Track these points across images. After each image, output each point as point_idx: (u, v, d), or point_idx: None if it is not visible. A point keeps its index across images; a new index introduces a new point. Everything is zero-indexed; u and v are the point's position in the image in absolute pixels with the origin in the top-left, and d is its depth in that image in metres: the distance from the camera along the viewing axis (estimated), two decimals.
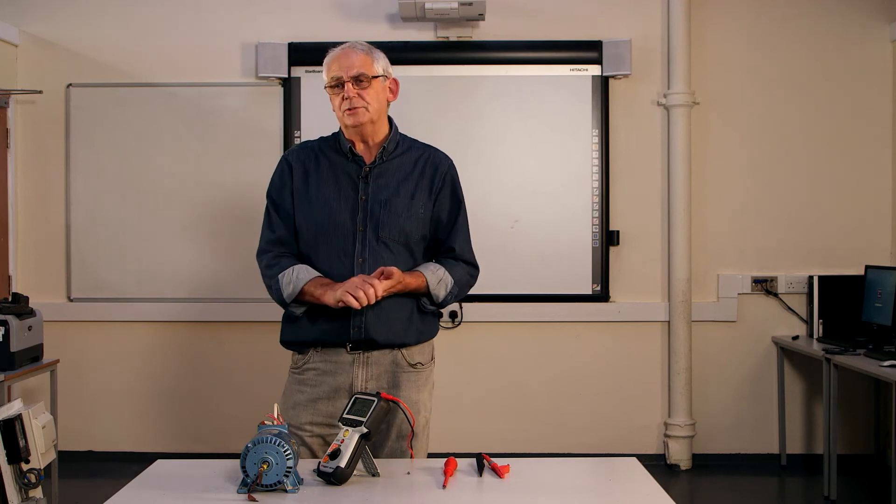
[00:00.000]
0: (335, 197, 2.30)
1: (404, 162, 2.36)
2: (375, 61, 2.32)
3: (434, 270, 2.31)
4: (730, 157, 4.70)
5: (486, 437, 4.64)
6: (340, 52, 2.31)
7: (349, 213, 2.28)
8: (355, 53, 2.30)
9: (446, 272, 2.32)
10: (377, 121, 2.33)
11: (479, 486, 1.87)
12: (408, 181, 2.34)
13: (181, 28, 4.70)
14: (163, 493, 1.80)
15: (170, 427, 4.73)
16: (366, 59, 2.30)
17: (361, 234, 2.27)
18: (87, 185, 4.70)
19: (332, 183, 2.32)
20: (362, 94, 2.28)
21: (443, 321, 4.67)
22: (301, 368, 2.32)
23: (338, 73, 2.28)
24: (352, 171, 2.33)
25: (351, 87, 2.26)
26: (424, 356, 2.36)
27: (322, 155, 2.36)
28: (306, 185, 2.33)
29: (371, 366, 2.26)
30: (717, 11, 4.69)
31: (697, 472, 4.61)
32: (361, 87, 2.28)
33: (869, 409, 4.68)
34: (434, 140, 4.92)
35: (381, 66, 2.34)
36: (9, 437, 1.64)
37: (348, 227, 2.28)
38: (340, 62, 2.29)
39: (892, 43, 4.66)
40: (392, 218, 2.28)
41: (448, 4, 4.32)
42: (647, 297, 4.70)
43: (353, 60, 2.28)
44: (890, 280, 4.14)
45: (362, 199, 2.30)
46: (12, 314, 3.56)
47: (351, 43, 2.33)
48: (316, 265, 2.29)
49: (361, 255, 2.26)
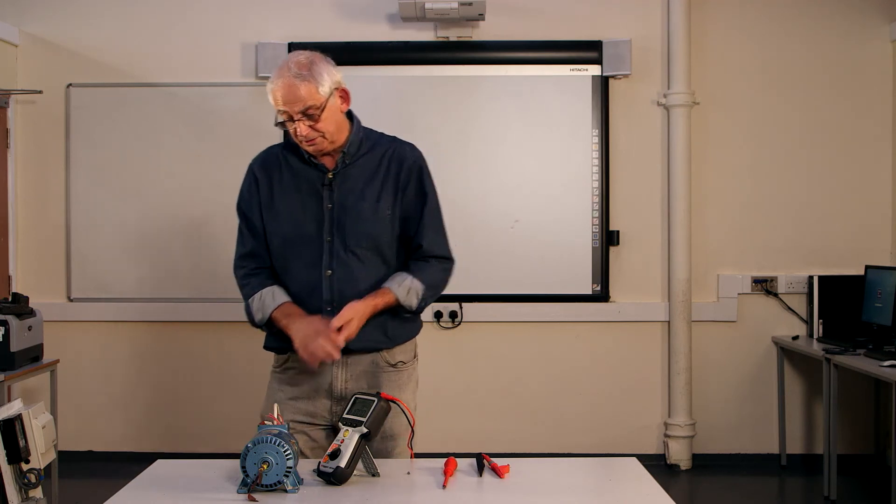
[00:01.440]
0: (300, 207, 2.21)
1: (369, 162, 2.24)
2: (320, 86, 2.10)
3: (400, 282, 2.20)
4: (730, 157, 4.70)
5: (486, 437, 4.64)
6: (282, 84, 2.08)
7: (315, 223, 2.19)
8: (297, 85, 2.07)
9: (413, 279, 2.21)
10: (338, 138, 2.19)
11: (479, 486, 1.87)
12: (373, 183, 2.23)
13: (181, 28, 4.70)
14: (163, 493, 1.80)
15: (170, 427, 4.73)
16: (310, 88, 2.08)
17: (329, 245, 2.19)
18: (87, 185, 4.70)
19: (297, 192, 2.22)
20: (316, 126, 2.12)
21: (443, 321, 4.67)
22: (282, 368, 2.29)
23: (284, 109, 2.10)
24: (315, 178, 2.22)
25: (303, 125, 2.10)
26: (406, 355, 2.31)
27: (286, 163, 2.24)
28: (272, 196, 2.23)
29: (350, 366, 2.21)
30: (717, 11, 4.69)
31: (697, 472, 4.61)
32: (313, 120, 2.11)
33: (869, 409, 4.68)
34: (434, 140, 4.96)
35: (327, 87, 2.12)
36: (9, 437, 1.64)
37: (315, 239, 2.19)
38: (284, 98, 2.09)
39: (892, 43, 4.66)
40: (359, 225, 2.19)
41: (448, 4, 4.32)
42: (647, 297, 4.70)
43: (298, 94, 2.08)
44: (890, 280, 4.14)
45: (328, 208, 2.19)
46: (12, 314, 3.56)
47: (291, 69, 2.08)
48: (286, 279, 2.23)
49: (329, 266, 2.19)
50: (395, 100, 4.66)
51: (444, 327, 4.69)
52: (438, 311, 4.66)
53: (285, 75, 2.09)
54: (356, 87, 4.66)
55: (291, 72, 2.08)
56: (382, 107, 4.65)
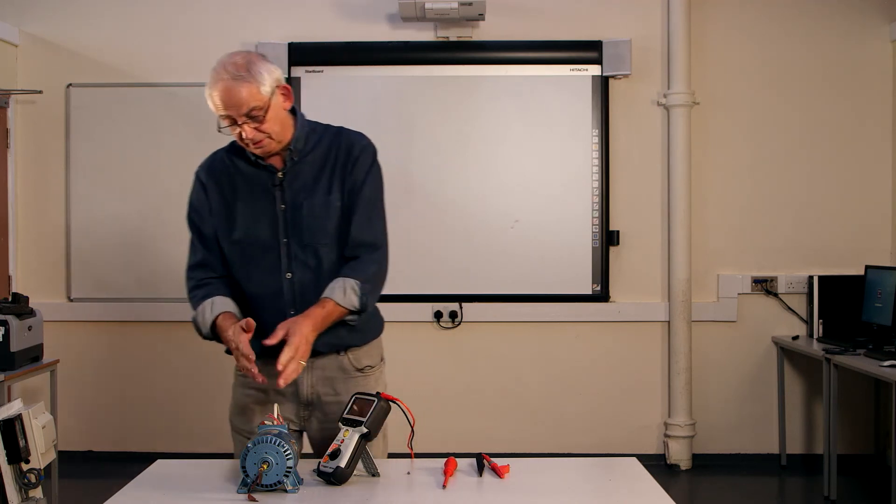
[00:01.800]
0: (253, 211, 2.13)
1: (317, 157, 2.16)
2: (261, 85, 2.01)
3: (332, 287, 2.07)
4: (730, 157, 4.70)
5: (486, 437, 4.64)
6: (221, 87, 2.00)
7: (270, 226, 2.12)
8: (237, 87, 1.99)
9: (345, 279, 2.08)
10: (283, 137, 2.11)
11: (479, 486, 1.87)
12: (322, 176, 2.14)
13: (181, 28, 4.70)
14: (163, 493, 1.80)
15: (170, 427, 4.73)
16: (251, 88, 2.00)
17: (286, 247, 2.12)
18: (87, 185, 4.71)
19: (248, 197, 2.14)
20: (261, 128, 2.04)
21: (443, 321, 4.67)
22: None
23: (226, 112, 2.02)
24: (265, 179, 2.14)
25: (248, 128, 2.02)
26: (373, 358, 2.25)
27: (234, 167, 2.17)
28: (223, 203, 2.16)
29: (315, 370, 2.16)
30: (717, 11, 4.69)
31: (697, 472, 4.61)
32: (257, 121, 2.02)
33: (869, 409, 4.68)
34: (434, 140, 4.96)
35: (269, 86, 2.03)
36: (9, 437, 1.64)
37: (271, 242, 2.12)
38: (225, 101, 2.00)
39: (892, 43, 4.66)
40: (312, 221, 2.11)
41: (448, 4, 4.32)
42: (647, 297, 4.70)
43: (240, 97, 1.99)
44: (890, 280, 4.14)
45: (281, 209, 2.12)
46: (12, 314, 3.56)
47: (228, 71, 2.00)
48: (248, 286, 2.16)
49: (289, 268, 2.12)
50: (395, 100, 4.66)
51: (444, 327, 4.69)
52: (438, 311, 4.66)
53: (223, 78, 2.00)
54: (356, 87, 4.74)
55: (229, 74, 2.00)
56: (382, 107, 4.65)
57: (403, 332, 4.63)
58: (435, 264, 4.65)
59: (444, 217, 4.65)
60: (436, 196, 4.65)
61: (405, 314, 4.62)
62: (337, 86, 4.64)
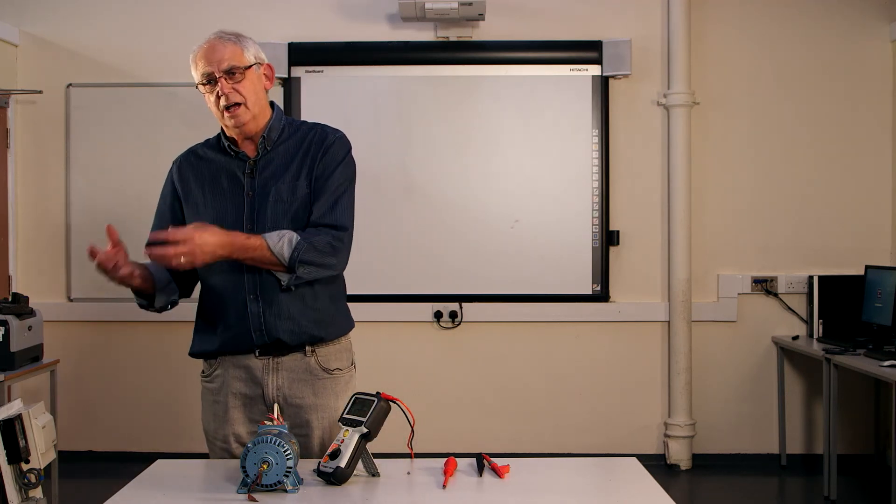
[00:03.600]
0: (221, 198, 2.15)
1: (290, 147, 2.17)
2: (245, 50, 2.12)
3: (272, 233, 2.05)
4: (730, 157, 4.70)
5: (486, 437, 4.64)
6: (206, 45, 2.11)
7: (235, 212, 2.13)
8: (223, 45, 2.10)
9: (289, 231, 2.05)
10: (258, 114, 2.14)
11: (479, 486, 1.87)
12: (292, 164, 2.15)
13: (181, 28, 4.70)
14: (163, 493, 1.80)
15: (170, 427, 4.73)
16: (235, 49, 2.10)
17: (248, 233, 2.08)
18: (87, 185, 4.71)
19: (218, 185, 2.17)
20: (237, 87, 2.09)
21: (443, 321, 4.67)
22: (211, 376, 2.23)
23: (207, 70, 2.09)
24: (237, 168, 2.17)
25: (224, 82, 2.09)
26: (342, 361, 2.21)
27: (207, 157, 2.22)
28: (191, 190, 2.20)
29: (281, 372, 2.14)
30: (717, 11, 4.69)
31: (697, 472, 4.61)
32: (235, 80, 2.09)
33: (869, 409, 4.68)
34: (434, 140, 4.96)
35: (251, 54, 2.14)
36: (9, 437, 1.64)
37: (234, 229, 2.07)
38: (208, 57, 2.09)
39: (892, 43, 4.66)
40: (277, 207, 2.11)
41: (448, 4, 4.32)
42: (647, 297, 4.70)
43: (222, 53, 2.09)
44: (890, 280, 4.14)
45: (248, 195, 2.13)
46: (12, 314, 3.56)
47: (217, 33, 2.13)
48: (208, 275, 2.17)
49: None
50: (395, 100, 4.66)
51: (444, 327, 4.69)
52: (438, 311, 4.66)
53: (211, 39, 2.12)
54: (356, 87, 4.74)
55: (217, 35, 2.12)
56: (382, 107, 4.65)
57: (403, 332, 4.63)
58: (435, 264, 4.65)
59: (444, 217, 4.65)
60: (436, 196, 4.65)
61: (405, 314, 4.62)
62: (337, 86, 4.65)
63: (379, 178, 4.58)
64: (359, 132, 4.63)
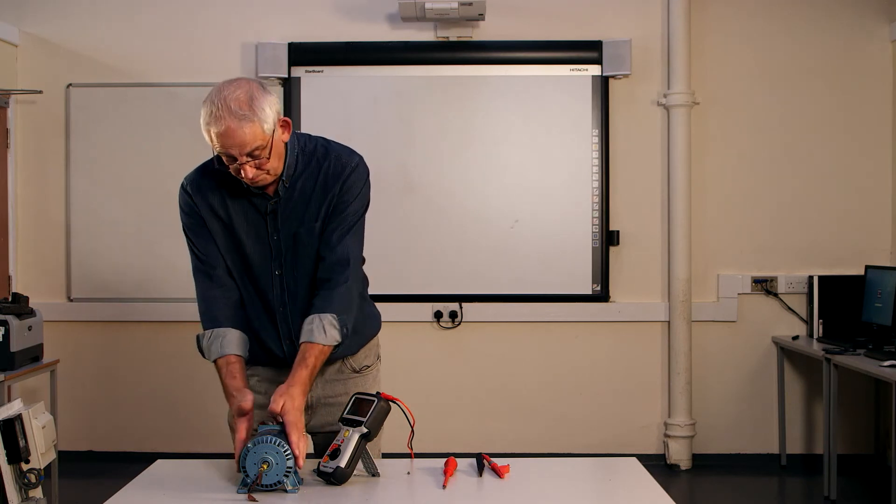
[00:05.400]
0: (248, 239, 2.08)
1: (307, 181, 2.07)
2: (264, 122, 1.91)
3: (311, 329, 1.99)
4: (730, 157, 4.70)
5: (486, 437, 4.64)
6: (224, 127, 1.87)
7: (262, 255, 2.09)
8: (240, 127, 1.87)
9: (320, 315, 2.00)
10: (279, 167, 2.02)
11: (479, 486, 1.87)
12: (312, 203, 2.07)
13: (181, 28, 4.70)
14: (163, 493, 1.81)
15: (170, 427, 4.73)
16: (254, 128, 1.89)
17: (279, 278, 2.09)
18: (87, 185, 4.70)
19: (241, 224, 2.08)
20: (262, 164, 1.95)
21: (443, 321, 4.67)
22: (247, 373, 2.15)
23: (225, 151, 1.91)
24: (259, 205, 2.07)
25: (250, 167, 1.93)
26: (370, 358, 2.26)
27: (226, 189, 2.07)
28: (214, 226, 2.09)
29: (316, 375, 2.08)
30: (717, 11, 4.69)
31: (697, 472, 4.61)
32: (258, 158, 1.93)
33: (869, 409, 4.68)
34: (434, 140, 4.96)
35: (270, 121, 1.93)
36: (9, 437, 1.64)
37: (263, 272, 2.09)
38: (225, 142, 1.89)
39: (892, 43, 4.66)
40: (305, 251, 2.08)
41: (448, 4, 4.32)
42: (647, 297, 4.70)
43: (242, 137, 1.88)
44: (890, 280, 4.14)
45: (273, 239, 2.08)
46: (12, 314, 3.56)
47: (231, 109, 1.87)
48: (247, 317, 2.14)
49: (281, 301, 2.10)
50: (395, 100, 4.66)
51: (444, 327, 4.69)
52: (438, 311, 4.66)
53: (225, 117, 1.87)
54: (356, 87, 4.74)
55: (232, 113, 1.87)
56: (382, 107, 4.65)
57: (403, 332, 4.63)
58: (435, 264, 4.65)
59: (444, 217, 4.65)
60: (436, 196, 4.65)
61: (405, 314, 4.62)
62: (337, 86, 4.64)
63: (379, 178, 4.49)
64: (359, 132, 4.66)
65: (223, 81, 1.95)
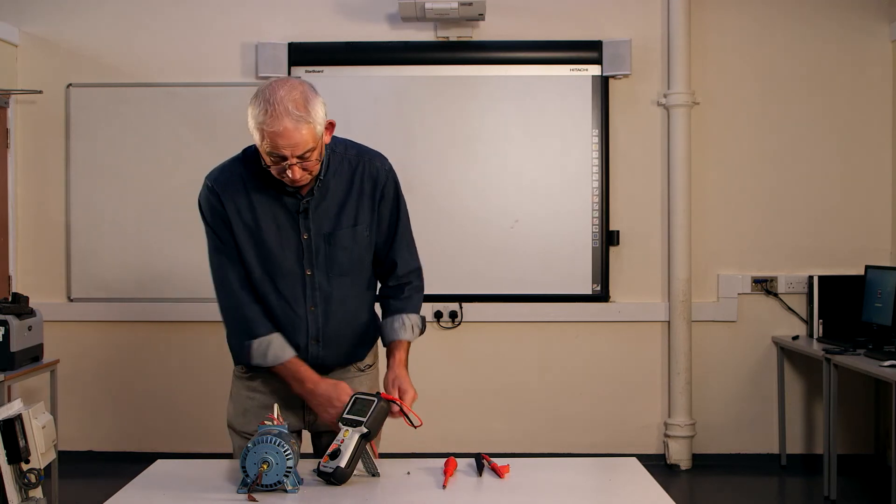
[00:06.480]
0: (276, 238, 2.07)
1: (340, 182, 2.10)
2: (317, 124, 1.93)
3: (399, 327, 2.19)
4: (730, 157, 4.70)
5: (486, 437, 4.64)
6: (281, 127, 1.88)
7: (293, 254, 2.08)
8: (297, 129, 1.88)
9: (406, 316, 2.20)
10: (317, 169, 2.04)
11: (479, 486, 1.87)
12: (348, 205, 2.10)
13: (181, 28, 4.70)
14: (163, 493, 1.81)
15: (170, 427, 4.73)
16: (311, 131, 1.91)
17: (310, 279, 2.10)
18: (87, 185, 4.70)
19: (271, 221, 2.07)
20: (308, 166, 1.96)
21: (443, 321, 4.67)
22: (249, 374, 2.21)
23: (277, 152, 1.91)
24: (289, 204, 2.07)
25: (298, 169, 1.94)
26: (372, 358, 2.32)
27: (252, 187, 2.07)
28: (242, 224, 2.07)
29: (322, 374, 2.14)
30: (717, 11, 4.69)
31: (697, 472, 4.61)
32: (307, 160, 1.94)
33: (869, 409, 4.68)
34: (434, 140, 4.96)
35: (320, 122, 1.95)
36: (9, 437, 1.64)
37: (294, 271, 2.08)
38: (278, 142, 1.89)
39: (892, 43, 4.66)
40: (339, 253, 2.10)
41: (448, 4, 4.32)
42: (647, 297, 4.70)
43: (297, 139, 1.89)
44: (890, 280, 4.14)
45: (304, 238, 2.08)
46: (12, 314, 3.56)
47: (289, 110, 1.88)
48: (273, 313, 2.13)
49: (312, 301, 2.11)
50: (395, 100, 4.66)
51: (444, 327, 4.69)
52: (438, 311, 4.66)
53: (282, 117, 1.87)
54: (356, 88, 4.74)
55: (290, 114, 1.88)
56: (382, 107, 4.65)
57: None
58: (435, 264, 4.59)
59: (444, 217, 4.65)
60: (436, 196, 4.65)
61: None
62: (337, 86, 4.64)
63: None
64: (359, 132, 4.61)
65: (273, 81, 1.97)
